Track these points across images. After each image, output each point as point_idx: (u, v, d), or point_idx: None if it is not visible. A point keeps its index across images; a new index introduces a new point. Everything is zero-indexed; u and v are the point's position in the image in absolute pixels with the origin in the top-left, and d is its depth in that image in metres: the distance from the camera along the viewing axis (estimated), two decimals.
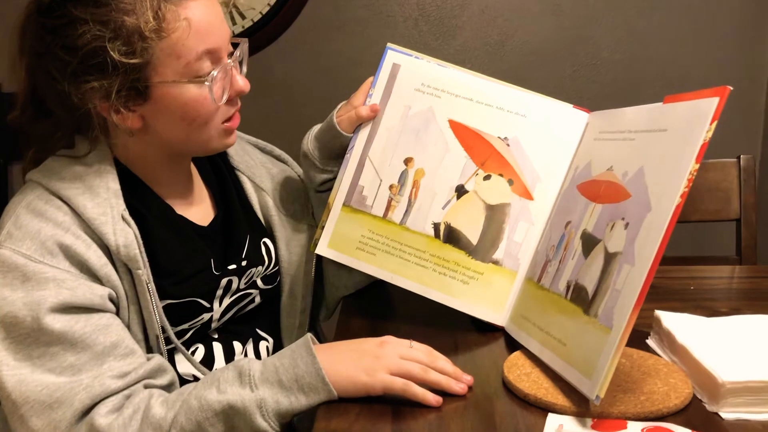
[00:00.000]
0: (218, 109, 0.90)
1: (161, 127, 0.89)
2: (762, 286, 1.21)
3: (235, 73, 0.92)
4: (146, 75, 0.84)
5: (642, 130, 0.83)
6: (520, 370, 0.84)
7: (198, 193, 1.03)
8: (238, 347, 1.02)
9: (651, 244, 0.70)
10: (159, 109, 0.87)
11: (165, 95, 0.86)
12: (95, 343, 0.82)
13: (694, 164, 0.70)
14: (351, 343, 0.87)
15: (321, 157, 1.06)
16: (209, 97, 0.87)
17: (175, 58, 0.84)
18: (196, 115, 0.88)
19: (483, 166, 1.00)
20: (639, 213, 0.75)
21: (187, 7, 0.84)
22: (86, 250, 0.83)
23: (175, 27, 0.83)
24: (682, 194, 0.70)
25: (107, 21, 0.81)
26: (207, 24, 0.86)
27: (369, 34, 1.92)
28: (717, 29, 1.91)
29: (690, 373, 0.81)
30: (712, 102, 0.71)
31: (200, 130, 0.90)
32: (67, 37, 0.82)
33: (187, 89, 0.86)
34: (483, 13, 1.91)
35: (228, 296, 1.00)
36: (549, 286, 0.89)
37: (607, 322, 0.74)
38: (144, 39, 0.81)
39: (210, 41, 0.86)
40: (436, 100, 1.02)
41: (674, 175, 0.72)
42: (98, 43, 0.80)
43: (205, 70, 0.87)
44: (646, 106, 0.85)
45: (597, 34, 1.93)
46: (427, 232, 1.00)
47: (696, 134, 0.71)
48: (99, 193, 0.87)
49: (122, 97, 0.84)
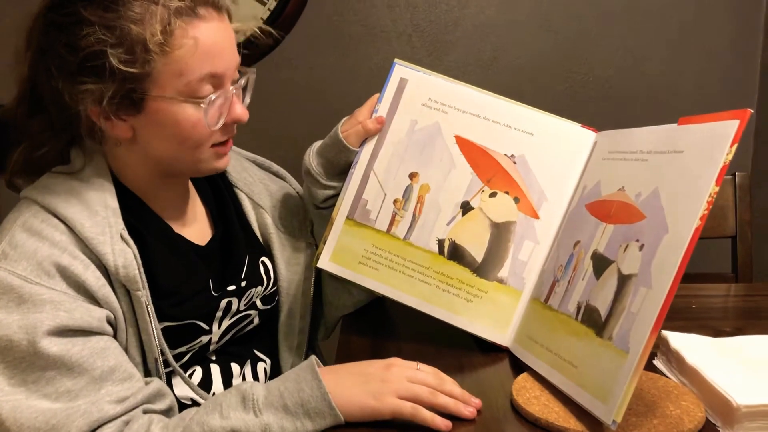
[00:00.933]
0: (211, 134, 0.88)
1: (150, 142, 0.87)
2: (763, 305, 1.21)
3: (236, 100, 0.90)
4: (144, 87, 0.82)
5: (655, 150, 0.82)
6: (529, 393, 0.83)
7: (196, 210, 1.01)
8: (236, 369, 1.00)
9: (669, 266, 0.69)
10: (151, 122, 0.85)
11: (159, 110, 0.84)
12: (93, 368, 0.79)
13: (714, 186, 0.69)
14: (356, 366, 0.85)
15: (325, 173, 1.05)
16: (204, 120, 0.85)
17: (176, 75, 0.82)
18: (187, 136, 0.86)
19: (489, 183, 0.99)
20: (655, 235, 0.74)
21: (197, 27, 0.82)
22: (84, 271, 0.81)
23: (181, 44, 0.81)
24: (702, 216, 0.69)
25: (113, 27, 0.79)
26: (215, 47, 0.84)
27: (362, 49, 1.91)
28: (708, 45, 1.92)
29: (702, 395, 0.80)
30: (732, 124, 0.71)
31: (190, 151, 0.88)
32: (72, 36, 0.80)
33: (183, 108, 0.84)
34: (476, 29, 1.91)
35: (228, 318, 0.97)
36: (557, 307, 0.88)
37: (623, 345, 0.72)
38: (147, 51, 0.79)
39: (215, 65, 0.84)
40: (443, 115, 1.01)
41: (693, 197, 0.71)
42: (100, 47, 0.79)
43: (205, 92, 0.85)
44: (660, 127, 0.84)
45: (589, 51, 1.94)
46: (431, 248, 0.99)
47: (716, 156, 0.71)
48: (97, 211, 0.85)
49: (114, 105, 0.82)
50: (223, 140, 0.91)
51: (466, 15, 1.90)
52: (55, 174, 0.89)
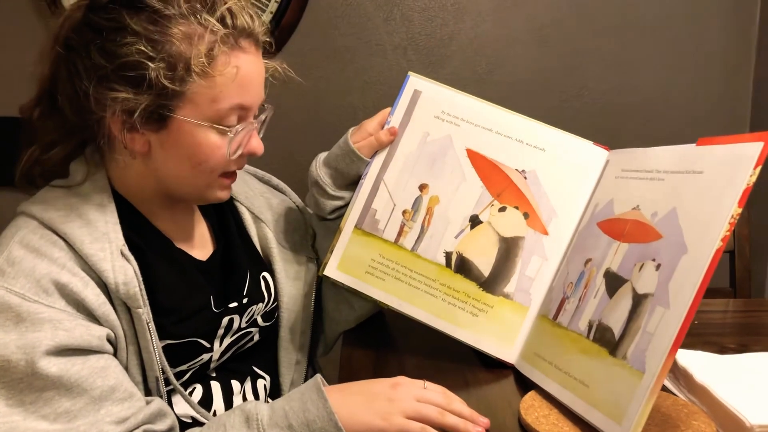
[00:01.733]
0: (227, 162, 0.88)
1: (165, 160, 0.86)
2: (765, 321, 1.21)
3: (254, 134, 0.91)
4: (174, 105, 0.81)
5: (673, 170, 0.82)
6: (537, 412, 0.81)
7: (197, 225, 1.00)
8: (236, 386, 0.98)
9: (688, 286, 0.68)
10: (171, 141, 0.84)
11: (183, 130, 0.83)
12: (92, 387, 0.76)
13: (736, 208, 0.69)
14: (362, 385, 0.83)
15: (334, 183, 1.04)
16: (225, 149, 0.85)
17: (209, 100, 0.82)
18: (204, 159, 0.85)
19: (499, 197, 0.98)
20: (673, 255, 0.74)
21: (238, 57, 0.83)
22: (83, 288, 0.79)
23: (222, 70, 0.81)
24: (723, 238, 0.68)
25: (158, 41, 0.78)
26: (249, 80, 0.85)
27: (358, 62, 1.90)
28: (701, 60, 1.93)
29: (712, 414, 0.79)
30: (756, 147, 0.70)
31: (201, 175, 0.87)
32: (110, 42, 0.79)
33: (207, 133, 0.84)
34: (472, 43, 1.91)
35: (229, 336, 0.95)
36: (567, 325, 0.87)
37: (638, 365, 0.71)
38: (188, 70, 0.79)
39: (246, 98, 0.85)
40: (455, 128, 1.00)
41: (714, 218, 0.70)
42: (140, 58, 0.78)
43: (230, 121, 0.85)
44: (676, 147, 0.84)
45: (584, 64, 1.94)
46: (438, 261, 0.98)
47: (739, 178, 0.70)
48: (97, 226, 0.83)
49: (141, 118, 0.80)
50: (232, 170, 0.91)
51: (461, 29, 1.90)
52: (53, 188, 0.87)
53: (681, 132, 1.96)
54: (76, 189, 0.86)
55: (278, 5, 1.83)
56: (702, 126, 1.97)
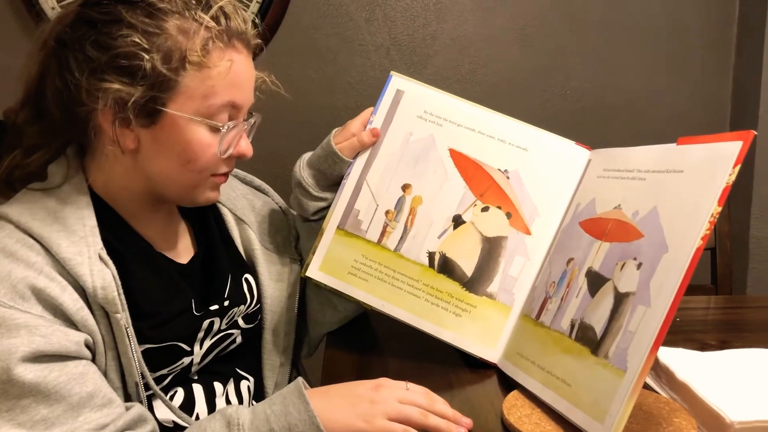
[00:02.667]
0: (218, 161, 0.87)
1: (154, 157, 0.85)
2: (746, 318, 1.22)
3: (245, 136, 0.91)
4: (166, 98, 0.80)
5: (653, 170, 0.82)
6: (520, 411, 0.81)
7: (178, 227, 0.99)
8: (219, 388, 0.97)
9: (669, 285, 0.69)
10: (161, 137, 0.83)
11: (174, 126, 0.82)
12: (70, 394, 0.75)
13: (716, 206, 0.69)
14: (344, 387, 0.82)
15: (317, 184, 1.04)
16: (216, 146, 0.85)
17: (202, 95, 0.82)
18: (194, 158, 0.85)
19: (482, 197, 0.98)
20: (654, 253, 0.74)
21: (232, 54, 0.83)
22: (61, 293, 0.77)
23: (217, 64, 0.81)
24: (703, 236, 0.68)
25: (153, 33, 0.79)
26: (242, 79, 0.85)
27: (340, 62, 1.90)
28: (683, 60, 1.95)
29: (693, 411, 0.80)
30: (735, 146, 0.70)
31: (191, 174, 0.86)
32: (105, 35, 0.79)
33: (198, 130, 0.83)
34: (454, 42, 1.91)
35: (209, 338, 0.95)
36: (550, 324, 0.87)
37: (620, 364, 0.71)
38: (183, 63, 0.79)
39: (238, 96, 0.85)
40: (438, 128, 1.00)
41: (694, 217, 0.71)
42: (136, 49, 0.78)
43: (222, 119, 0.84)
44: (658, 147, 0.84)
45: (566, 64, 1.95)
46: (421, 261, 0.98)
47: (718, 177, 0.71)
48: (75, 230, 0.81)
49: (132, 110, 0.80)
50: (223, 171, 0.91)
51: (443, 29, 1.91)
52: (30, 191, 0.85)
53: (663, 130, 1.97)
54: (54, 191, 0.85)
55: (260, 5, 1.82)
56: (684, 124, 1.99)
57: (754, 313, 1.24)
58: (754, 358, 0.91)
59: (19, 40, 1.77)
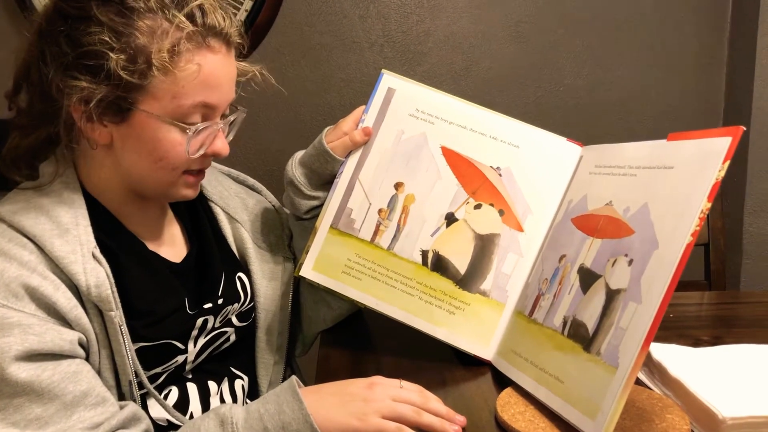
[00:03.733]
0: (189, 161, 0.86)
1: (126, 153, 0.85)
2: (739, 313, 1.22)
3: (221, 135, 0.89)
4: (135, 98, 0.80)
5: (644, 166, 0.82)
6: (513, 409, 0.82)
7: (171, 227, 0.99)
8: (213, 387, 0.97)
9: (660, 281, 0.69)
10: (131, 134, 0.83)
11: (143, 124, 0.82)
12: (64, 393, 0.75)
13: (706, 203, 0.69)
14: (338, 386, 0.82)
15: (309, 183, 1.03)
16: (184, 146, 0.84)
17: (171, 96, 0.81)
18: (164, 156, 0.84)
19: (474, 194, 0.98)
20: (645, 250, 0.74)
21: (204, 56, 0.82)
22: (54, 292, 0.77)
23: (184, 68, 0.80)
24: (693, 232, 0.68)
25: (121, 32, 0.78)
26: (215, 79, 0.84)
27: (334, 59, 1.89)
28: (676, 56, 1.95)
29: (686, 408, 0.80)
30: (724, 141, 0.70)
31: (163, 171, 0.86)
32: (75, 30, 0.79)
33: (167, 129, 0.83)
34: (448, 39, 1.91)
35: (203, 336, 0.95)
36: (543, 321, 0.87)
37: (612, 360, 0.72)
38: (149, 65, 0.78)
39: (210, 96, 0.84)
40: (430, 126, 1.00)
41: (684, 213, 0.71)
42: (102, 48, 0.77)
43: (193, 119, 0.84)
44: (648, 143, 0.84)
45: (560, 60, 1.95)
46: (414, 259, 0.98)
47: (708, 173, 0.71)
48: (68, 229, 0.81)
49: (100, 108, 0.80)
50: (197, 169, 0.90)
51: (437, 26, 1.90)
52: (22, 189, 0.85)
53: (657, 126, 1.97)
54: (45, 189, 0.85)
55: (253, 3, 1.81)
56: (677, 120, 1.99)
57: (747, 308, 1.25)
58: (747, 353, 0.91)
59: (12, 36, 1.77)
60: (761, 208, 1.88)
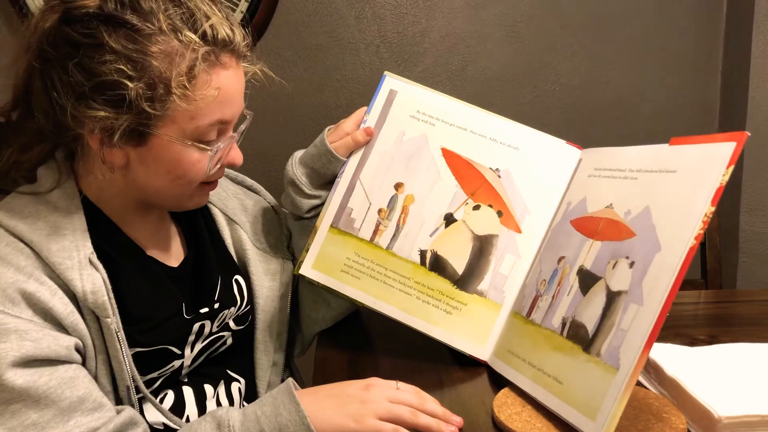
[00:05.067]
0: (207, 175, 0.87)
1: (144, 174, 0.84)
2: (735, 312, 1.22)
3: (234, 145, 0.90)
4: (153, 123, 0.79)
5: (646, 169, 0.82)
6: (510, 409, 0.82)
7: (169, 231, 0.98)
8: (210, 390, 0.97)
9: (662, 284, 0.69)
10: (150, 156, 0.82)
11: (162, 147, 0.81)
12: (60, 398, 0.75)
13: (709, 207, 0.69)
14: (334, 387, 0.82)
15: (310, 182, 1.04)
16: (205, 164, 0.84)
17: (189, 119, 0.80)
18: (183, 173, 0.84)
19: (473, 195, 0.98)
20: (646, 253, 0.74)
21: (219, 74, 0.81)
22: (51, 298, 0.77)
23: (202, 91, 0.79)
24: (697, 236, 0.69)
25: (136, 60, 0.76)
26: (230, 96, 0.83)
27: (330, 60, 1.89)
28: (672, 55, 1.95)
29: (682, 407, 0.80)
30: (729, 146, 0.71)
31: (182, 187, 0.86)
32: (88, 59, 0.76)
33: (187, 150, 0.82)
34: (444, 39, 1.91)
35: (200, 341, 0.94)
36: (541, 322, 0.87)
37: (612, 361, 0.72)
38: (168, 91, 0.77)
39: (226, 112, 0.83)
40: (431, 127, 1.01)
41: (687, 217, 0.71)
42: (120, 77, 0.75)
43: (210, 137, 0.83)
44: (649, 147, 0.84)
45: (556, 60, 1.95)
46: (413, 259, 0.98)
47: (711, 177, 0.71)
48: (65, 234, 0.81)
49: (119, 135, 0.78)
50: (212, 179, 0.90)
51: (433, 26, 1.90)
52: (20, 194, 0.85)
53: (653, 128, 1.97)
54: (44, 195, 0.84)
55: (249, 4, 1.81)
56: (673, 121, 1.99)
57: (744, 307, 1.25)
58: (743, 353, 0.91)
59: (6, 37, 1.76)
60: (757, 206, 1.88)
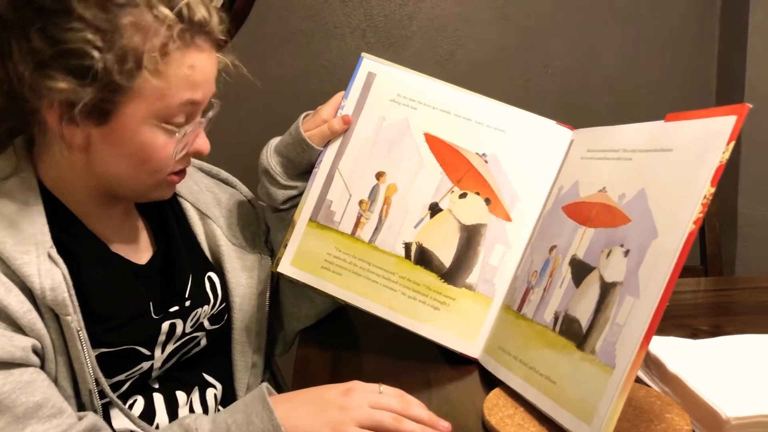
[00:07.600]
0: (173, 163, 0.82)
1: (105, 156, 0.79)
2: (737, 299, 1.18)
3: (201, 132, 0.84)
4: (119, 99, 0.74)
5: (641, 149, 0.77)
6: (502, 412, 0.76)
7: (135, 226, 0.93)
8: (182, 397, 0.91)
9: (659, 274, 0.64)
10: (113, 136, 0.77)
11: (126, 127, 0.76)
12: (15, 404, 0.70)
13: (709, 187, 0.64)
14: (313, 392, 0.77)
15: (285, 172, 0.98)
16: (170, 148, 0.79)
17: (158, 97, 0.75)
18: (147, 159, 0.79)
19: (459, 183, 0.93)
20: (642, 240, 0.69)
21: (193, 55, 0.77)
22: (6, 295, 0.72)
23: (174, 68, 0.75)
24: (696, 220, 0.63)
25: (107, 30, 0.71)
26: (202, 77, 0.79)
27: (315, 46, 1.84)
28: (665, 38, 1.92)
29: (686, 406, 0.75)
30: (728, 120, 0.65)
31: (145, 174, 0.81)
32: (53, 26, 0.71)
33: (152, 132, 0.77)
34: (432, 22, 1.86)
35: (172, 342, 0.89)
36: (532, 316, 0.82)
37: (608, 360, 0.66)
38: (139, 66, 0.72)
39: (197, 94, 0.79)
40: (412, 111, 0.95)
41: (685, 199, 0.65)
42: (86, 47, 0.70)
43: (178, 119, 0.78)
44: (644, 124, 0.78)
45: (547, 43, 1.91)
46: (397, 252, 0.93)
47: (711, 155, 0.65)
48: (22, 228, 0.76)
49: (80, 110, 0.73)
50: (179, 169, 0.85)
51: (421, 9, 1.85)
52: None
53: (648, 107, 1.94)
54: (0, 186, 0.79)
55: None
56: (669, 100, 1.95)
57: (746, 294, 1.20)
58: (750, 345, 0.87)
59: None
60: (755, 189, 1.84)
